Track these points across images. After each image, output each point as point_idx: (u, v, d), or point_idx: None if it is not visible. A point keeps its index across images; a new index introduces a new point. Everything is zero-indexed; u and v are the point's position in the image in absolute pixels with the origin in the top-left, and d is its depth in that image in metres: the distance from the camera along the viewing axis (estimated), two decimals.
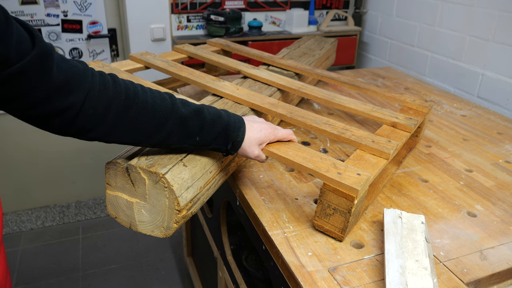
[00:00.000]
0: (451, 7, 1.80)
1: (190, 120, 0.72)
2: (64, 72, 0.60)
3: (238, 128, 0.77)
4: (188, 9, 2.15)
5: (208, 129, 0.73)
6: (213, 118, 0.74)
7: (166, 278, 1.96)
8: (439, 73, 1.91)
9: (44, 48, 0.57)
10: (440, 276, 0.71)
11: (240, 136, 0.77)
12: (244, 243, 1.29)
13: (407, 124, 1.00)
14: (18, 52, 0.54)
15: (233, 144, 0.77)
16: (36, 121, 0.63)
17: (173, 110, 0.70)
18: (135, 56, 1.28)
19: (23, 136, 2.22)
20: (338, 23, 2.47)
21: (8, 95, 0.56)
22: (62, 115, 0.62)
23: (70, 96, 0.61)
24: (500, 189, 0.98)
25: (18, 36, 0.54)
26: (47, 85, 0.58)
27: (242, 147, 0.78)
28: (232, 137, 0.76)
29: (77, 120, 0.63)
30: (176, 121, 0.70)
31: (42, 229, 2.27)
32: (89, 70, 0.64)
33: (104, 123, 0.65)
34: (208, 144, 0.75)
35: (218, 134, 0.75)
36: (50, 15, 2.03)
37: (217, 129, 0.74)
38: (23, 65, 0.55)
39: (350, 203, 0.73)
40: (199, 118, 0.73)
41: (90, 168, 2.42)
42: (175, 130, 0.71)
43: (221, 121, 0.75)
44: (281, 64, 1.35)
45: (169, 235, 0.73)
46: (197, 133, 0.73)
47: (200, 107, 0.74)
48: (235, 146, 0.77)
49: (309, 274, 0.70)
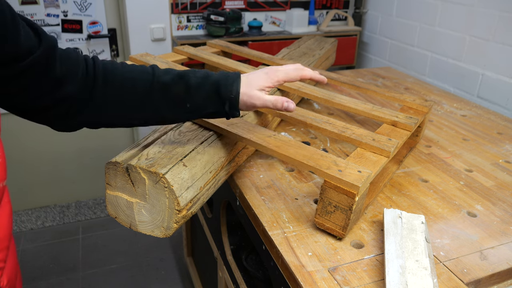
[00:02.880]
0: (451, 7, 1.80)
1: (173, 86, 0.68)
2: (64, 64, 0.62)
3: (231, 84, 0.69)
4: (188, 9, 2.16)
5: (195, 91, 0.68)
6: (200, 80, 0.69)
7: (166, 278, 1.96)
8: (439, 73, 1.91)
9: (50, 43, 0.59)
10: (440, 276, 0.71)
11: (235, 91, 0.69)
12: (244, 243, 1.29)
13: (407, 123, 1.00)
14: (26, 49, 0.55)
15: (230, 103, 0.70)
16: (34, 114, 0.64)
17: (154, 80, 0.68)
18: (135, 57, 1.28)
19: (23, 137, 2.22)
20: (338, 23, 2.47)
21: (15, 90, 0.58)
22: (60, 106, 0.63)
23: (68, 86, 0.62)
24: (500, 189, 0.98)
25: (25, 33, 0.55)
26: (51, 78, 0.60)
27: (242, 100, 0.70)
28: (226, 95, 0.69)
29: (72, 108, 0.64)
30: (158, 90, 0.68)
31: (42, 229, 2.27)
32: (79, 56, 0.66)
33: (90, 103, 0.66)
34: (202, 109, 0.70)
35: (208, 95, 0.69)
36: (50, 15, 2.03)
37: (206, 89, 0.69)
38: (31, 61, 0.56)
39: (351, 200, 0.73)
40: (182, 82, 0.68)
41: (90, 168, 2.42)
42: (160, 99, 0.68)
43: (209, 80, 0.69)
44: (281, 64, 1.35)
45: (169, 235, 0.73)
46: (185, 98, 0.69)
47: (184, 72, 0.70)
48: (233, 104, 0.70)
49: (309, 274, 0.70)
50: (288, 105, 0.71)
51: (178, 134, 0.84)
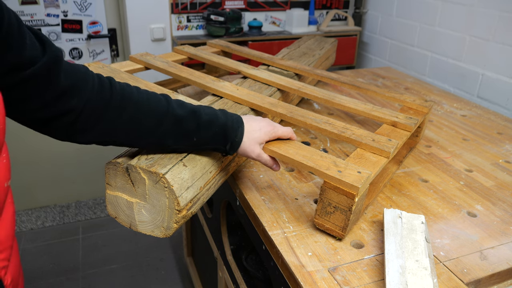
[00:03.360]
0: (451, 7, 1.80)
1: (186, 120, 0.72)
2: (69, 77, 0.62)
3: (237, 128, 0.76)
4: (188, 9, 2.16)
5: (204, 129, 0.73)
6: (210, 118, 0.74)
7: (166, 278, 1.96)
8: (439, 73, 1.91)
9: (54, 55, 0.59)
10: (440, 276, 0.71)
11: (239, 136, 0.76)
12: (244, 243, 1.29)
13: (407, 123, 1.00)
14: (30, 58, 0.55)
15: (231, 145, 0.76)
16: (36, 124, 0.64)
17: (169, 110, 0.71)
18: (135, 57, 1.28)
19: (23, 136, 2.22)
20: (338, 23, 2.47)
21: (16, 98, 0.58)
22: (63, 118, 0.63)
23: (73, 100, 0.62)
24: (500, 189, 0.98)
25: (30, 42, 0.56)
26: (54, 90, 0.60)
27: (242, 147, 0.77)
28: (230, 137, 0.75)
29: (77, 122, 0.64)
30: (171, 121, 0.71)
31: (42, 229, 2.27)
32: (89, 73, 0.66)
33: (100, 124, 0.66)
34: (206, 144, 0.75)
35: (215, 134, 0.74)
36: (50, 15, 2.03)
37: (214, 129, 0.74)
38: (34, 71, 0.56)
39: (351, 201, 0.73)
40: (195, 118, 0.72)
41: (90, 168, 2.42)
42: (171, 130, 0.71)
43: (219, 121, 0.75)
44: (281, 64, 1.35)
45: (169, 235, 0.73)
46: (193, 133, 0.73)
47: (196, 108, 0.74)
48: (234, 146, 0.76)
49: (309, 274, 0.70)
50: (275, 167, 0.84)
51: None
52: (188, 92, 1.41)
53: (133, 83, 1.05)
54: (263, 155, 0.80)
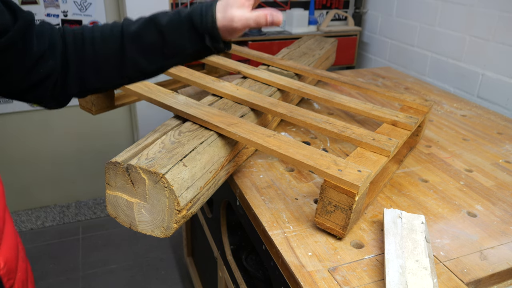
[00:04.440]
0: (451, 7, 1.80)
1: (143, 33, 0.64)
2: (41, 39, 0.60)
3: (205, 13, 0.62)
4: None
5: (168, 33, 0.63)
6: (170, 19, 0.64)
7: (166, 278, 1.96)
8: (439, 73, 1.91)
9: (27, 19, 0.57)
10: (440, 276, 0.71)
11: (210, 20, 0.61)
12: (244, 243, 1.29)
13: (407, 123, 1.00)
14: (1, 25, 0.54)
15: (210, 35, 0.62)
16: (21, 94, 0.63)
17: (123, 33, 0.65)
18: None
19: (23, 136, 2.22)
20: (338, 23, 2.47)
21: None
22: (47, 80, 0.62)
23: (50, 61, 0.61)
24: (500, 189, 0.98)
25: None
26: (32, 55, 0.58)
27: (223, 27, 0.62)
28: (202, 27, 0.62)
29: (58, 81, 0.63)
30: (130, 41, 0.64)
31: (42, 229, 2.27)
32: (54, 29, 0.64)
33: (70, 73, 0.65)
34: (181, 50, 0.64)
35: (183, 32, 0.63)
36: (50, 15, 2.03)
37: (179, 27, 0.63)
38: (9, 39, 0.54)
39: (351, 200, 0.73)
40: (152, 26, 0.64)
41: (90, 168, 2.42)
42: (135, 50, 0.64)
43: (181, 18, 0.63)
44: (281, 64, 1.35)
45: (169, 235, 0.73)
46: (158, 43, 0.64)
47: (151, 16, 0.66)
48: (214, 35, 0.62)
49: (309, 274, 0.70)
50: (272, 18, 0.62)
51: (178, 134, 0.84)
52: (188, 92, 1.42)
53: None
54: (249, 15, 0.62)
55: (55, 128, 2.28)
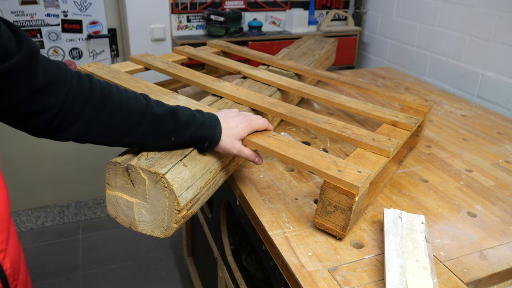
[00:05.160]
0: (451, 7, 1.80)
1: (164, 120, 0.72)
2: (48, 73, 0.61)
3: (214, 127, 0.77)
4: (188, 9, 2.15)
5: (182, 129, 0.74)
6: (188, 118, 0.75)
7: (166, 278, 1.96)
8: (439, 73, 1.91)
9: (31, 49, 0.58)
10: (440, 276, 0.71)
11: (217, 134, 0.77)
12: (244, 243, 1.29)
13: (407, 123, 1.00)
14: (6, 49, 0.54)
15: (210, 143, 0.77)
16: (14, 121, 0.63)
17: (147, 109, 0.71)
18: (135, 57, 1.28)
19: (23, 137, 2.22)
20: (338, 23, 2.47)
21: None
22: (42, 114, 0.62)
23: (52, 96, 0.62)
24: (500, 189, 0.98)
25: (6, 34, 0.54)
26: (33, 85, 0.59)
27: (222, 144, 0.79)
28: (208, 136, 0.76)
29: (56, 119, 0.64)
30: (150, 121, 0.71)
31: (42, 229, 2.27)
32: (68, 69, 0.66)
33: (79, 121, 0.66)
34: (184, 144, 0.76)
35: (193, 133, 0.75)
36: (50, 15, 2.03)
37: (193, 128, 0.75)
38: (11, 65, 0.55)
39: (351, 200, 0.73)
40: (173, 118, 0.73)
41: (90, 168, 2.42)
42: (150, 129, 0.71)
43: (196, 120, 0.76)
44: (281, 64, 1.35)
45: (169, 235, 0.73)
46: (172, 133, 0.73)
47: (174, 108, 0.75)
48: (212, 144, 0.78)
49: (309, 274, 0.70)
50: (258, 160, 0.83)
51: None
52: (188, 92, 1.42)
53: (133, 83, 1.05)
54: (244, 149, 0.81)
55: None
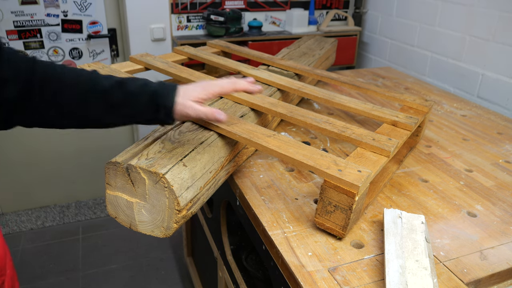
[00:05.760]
0: (451, 7, 1.80)
1: (112, 92, 0.70)
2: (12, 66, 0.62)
3: (167, 94, 0.73)
4: (188, 9, 2.15)
5: (133, 99, 0.71)
6: (139, 88, 0.72)
7: (166, 278, 1.96)
8: (439, 73, 1.91)
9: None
10: (440, 276, 0.71)
11: (170, 100, 0.72)
12: (244, 243, 1.29)
13: (407, 123, 1.00)
14: None
15: (165, 111, 0.72)
16: None
17: (94, 83, 0.69)
18: (135, 57, 1.28)
19: (23, 136, 2.22)
20: (338, 23, 2.47)
21: None
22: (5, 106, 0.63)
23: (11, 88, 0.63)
24: (500, 189, 0.98)
25: None
26: None
27: (177, 110, 0.73)
28: (162, 103, 0.72)
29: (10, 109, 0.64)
30: (97, 94, 0.69)
31: (42, 229, 2.27)
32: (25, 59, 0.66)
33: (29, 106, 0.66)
34: (139, 115, 0.73)
35: (146, 103, 0.72)
36: (50, 15, 2.03)
37: (144, 98, 0.71)
38: None
39: (351, 200, 0.73)
40: (122, 89, 0.71)
41: (90, 168, 2.42)
42: (100, 103, 0.70)
43: (147, 89, 0.72)
44: (281, 64, 1.35)
45: (169, 235, 0.73)
46: (122, 105, 0.71)
47: (124, 79, 0.72)
48: (168, 112, 0.73)
49: (309, 274, 0.70)
50: (218, 116, 0.75)
51: (178, 134, 0.84)
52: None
53: None
54: (200, 108, 0.74)
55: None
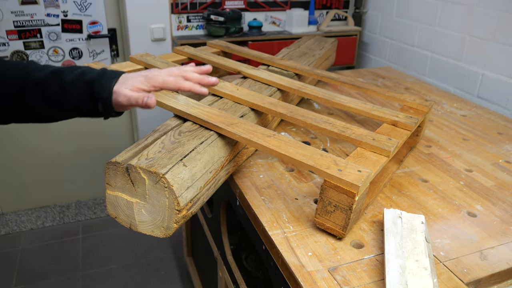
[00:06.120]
0: (451, 7, 1.80)
1: (47, 83, 0.66)
2: None
3: (105, 83, 0.68)
4: (188, 9, 2.15)
5: (69, 90, 0.67)
6: (75, 78, 0.67)
7: (166, 278, 1.96)
8: (439, 73, 1.91)
9: None
10: (440, 276, 0.71)
11: (107, 91, 0.68)
12: (244, 243, 1.29)
13: (407, 123, 1.00)
14: None
15: (103, 103, 0.68)
16: None
17: (26, 75, 0.66)
18: (135, 57, 1.28)
19: (23, 137, 2.22)
20: (338, 23, 2.47)
21: None
22: None
23: None
24: (500, 189, 0.98)
25: None
26: None
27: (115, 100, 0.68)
28: (99, 94, 0.68)
29: None
30: (31, 86, 0.66)
31: (42, 229, 2.27)
32: None
33: None
34: (77, 107, 0.69)
35: (82, 94, 0.68)
36: (50, 15, 2.03)
37: (80, 88, 0.67)
38: None
39: (351, 200, 0.73)
40: (57, 80, 0.67)
41: (90, 168, 2.42)
42: (34, 95, 0.66)
43: (84, 79, 0.68)
44: (281, 64, 1.35)
45: (169, 235, 0.73)
46: (59, 97, 0.67)
47: (61, 69, 0.68)
48: (107, 104, 0.68)
49: (309, 274, 0.70)
50: (147, 100, 0.69)
51: (178, 134, 0.84)
52: (188, 92, 1.41)
53: None
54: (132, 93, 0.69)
55: (55, 128, 2.28)
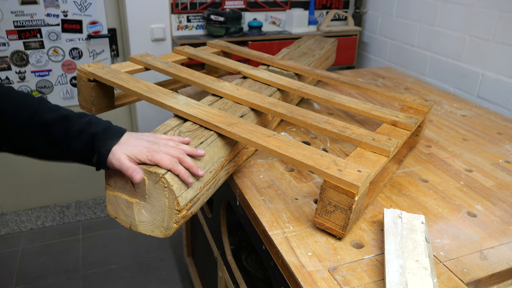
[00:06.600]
0: (451, 7, 1.79)
1: (54, 126, 0.68)
2: None
3: (106, 140, 0.71)
4: (188, 9, 2.15)
5: (74, 137, 0.69)
6: (82, 128, 0.69)
7: (166, 278, 1.96)
8: (439, 73, 1.91)
9: None
10: (440, 276, 0.71)
11: (106, 148, 0.70)
12: (244, 243, 1.29)
13: (407, 123, 1.00)
14: None
15: (98, 157, 0.71)
16: None
17: (36, 113, 0.67)
18: (135, 57, 1.28)
19: None
20: (338, 23, 2.47)
21: None
22: None
23: None
24: (500, 189, 0.98)
25: None
26: None
27: (109, 159, 0.70)
28: (98, 148, 0.70)
29: None
30: (37, 125, 0.67)
31: (42, 229, 2.27)
32: None
33: None
34: (76, 154, 0.71)
35: (84, 144, 0.70)
36: (50, 15, 2.03)
37: (84, 138, 0.70)
38: None
39: (351, 200, 0.73)
40: (64, 125, 0.68)
41: (90, 168, 2.42)
42: (38, 135, 0.67)
43: (89, 130, 0.70)
44: (281, 64, 1.35)
45: (169, 235, 0.73)
46: (62, 141, 0.69)
47: (69, 114, 0.70)
48: (101, 159, 0.71)
49: (309, 274, 0.70)
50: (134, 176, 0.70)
51: (178, 134, 0.84)
52: (188, 92, 1.42)
53: (133, 83, 1.05)
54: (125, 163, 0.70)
55: None
